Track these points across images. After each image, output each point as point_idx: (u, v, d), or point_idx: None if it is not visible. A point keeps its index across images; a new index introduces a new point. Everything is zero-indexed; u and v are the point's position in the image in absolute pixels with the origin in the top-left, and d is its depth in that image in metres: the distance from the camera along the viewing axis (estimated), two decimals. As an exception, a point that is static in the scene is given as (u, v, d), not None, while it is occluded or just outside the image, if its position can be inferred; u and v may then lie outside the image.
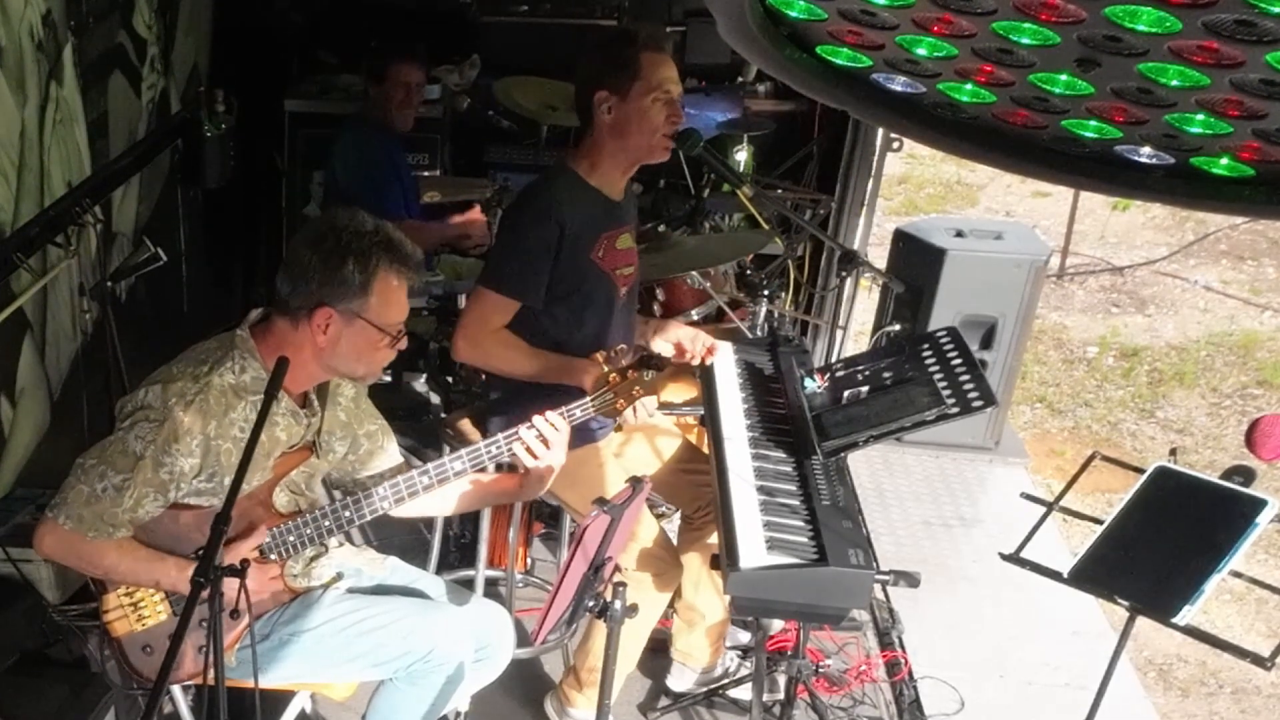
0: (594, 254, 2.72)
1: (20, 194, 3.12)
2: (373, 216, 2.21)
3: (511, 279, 2.67)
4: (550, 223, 2.64)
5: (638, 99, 2.61)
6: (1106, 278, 7.37)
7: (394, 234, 2.19)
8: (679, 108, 2.67)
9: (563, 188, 2.70)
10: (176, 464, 2.11)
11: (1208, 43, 0.92)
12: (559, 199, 2.67)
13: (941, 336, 2.63)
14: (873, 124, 4.10)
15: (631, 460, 2.95)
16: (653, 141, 2.66)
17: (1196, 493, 2.29)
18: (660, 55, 2.63)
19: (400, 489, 2.30)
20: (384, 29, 4.68)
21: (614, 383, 2.37)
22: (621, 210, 2.81)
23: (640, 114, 2.62)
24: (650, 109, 2.62)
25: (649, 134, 2.64)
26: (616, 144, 2.68)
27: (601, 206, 2.74)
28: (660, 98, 2.62)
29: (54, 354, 3.40)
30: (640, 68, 2.60)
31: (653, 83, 2.61)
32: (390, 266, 2.16)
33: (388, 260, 2.16)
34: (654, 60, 2.62)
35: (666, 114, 2.64)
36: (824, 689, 3.23)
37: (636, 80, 2.60)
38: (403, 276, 2.20)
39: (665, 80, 2.62)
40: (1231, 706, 3.91)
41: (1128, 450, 5.51)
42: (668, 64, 2.64)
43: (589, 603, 2.14)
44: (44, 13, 3.18)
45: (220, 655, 1.87)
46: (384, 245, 2.16)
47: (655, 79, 2.61)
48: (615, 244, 2.78)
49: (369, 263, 2.14)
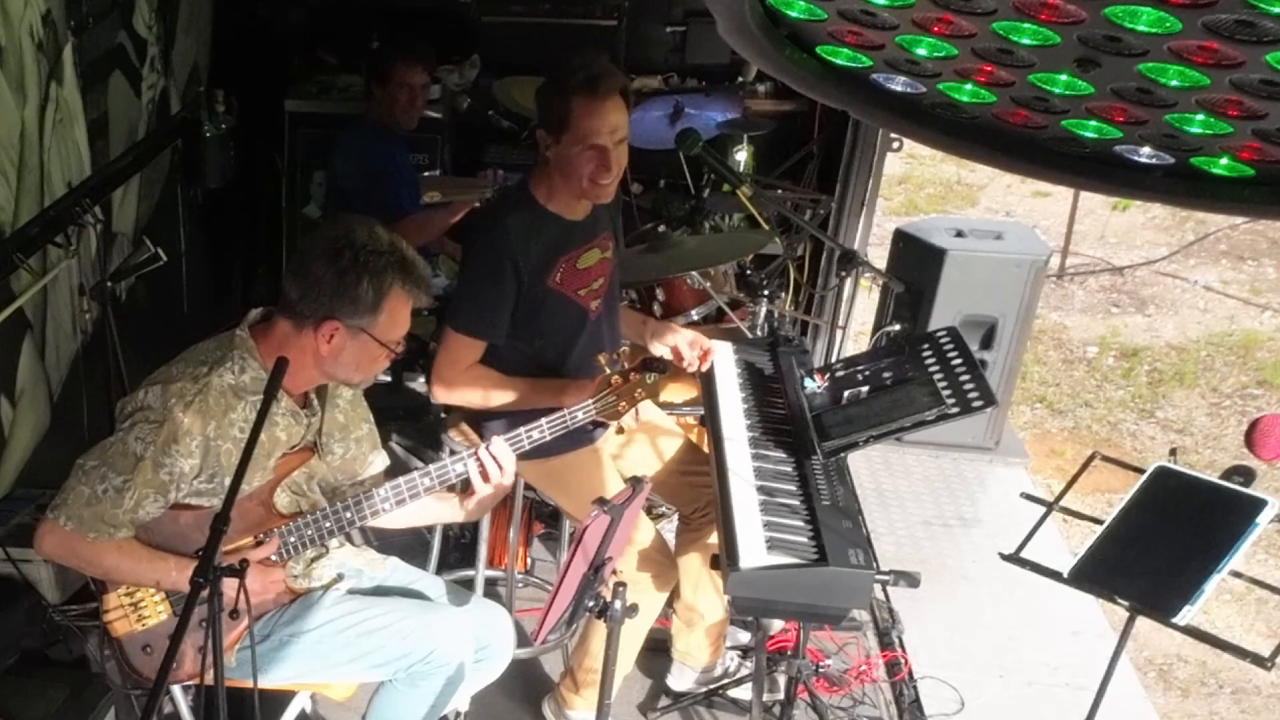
0: (550, 281, 2.69)
1: (20, 194, 3.12)
2: (386, 230, 2.22)
3: (472, 318, 2.66)
4: (504, 261, 2.62)
5: (568, 146, 2.56)
6: (1106, 278, 7.37)
7: (408, 253, 2.20)
8: (609, 158, 2.57)
9: (516, 220, 2.65)
10: (176, 465, 2.11)
11: (1208, 43, 0.92)
12: (512, 235, 2.63)
13: (941, 336, 2.63)
14: (873, 124, 4.10)
15: (631, 461, 2.95)
16: (585, 187, 2.61)
17: (1196, 493, 2.29)
18: (593, 103, 2.52)
19: (402, 490, 2.31)
20: (384, 29, 4.69)
21: (616, 385, 2.37)
22: (581, 229, 2.75)
23: (570, 159, 2.58)
24: (580, 157, 2.56)
25: (579, 180, 2.60)
26: (560, 180, 2.65)
27: (557, 232, 2.69)
28: (589, 149, 2.55)
29: (54, 354, 3.40)
30: (569, 118, 2.53)
31: (580, 133, 2.53)
32: (403, 287, 2.18)
33: (401, 281, 2.17)
34: (585, 109, 2.52)
35: (595, 165, 2.57)
36: (824, 689, 3.23)
37: (565, 129, 2.55)
38: (413, 296, 2.21)
39: (595, 132, 2.53)
40: (1231, 706, 3.91)
41: (1128, 450, 5.51)
42: (601, 111, 2.53)
43: (589, 603, 2.15)
44: (44, 13, 3.18)
45: (220, 655, 1.87)
46: (399, 266, 2.17)
47: (583, 129, 2.53)
48: (576, 265, 2.74)
49: (383, 283, 2.15)
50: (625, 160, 2.65)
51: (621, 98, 2.57)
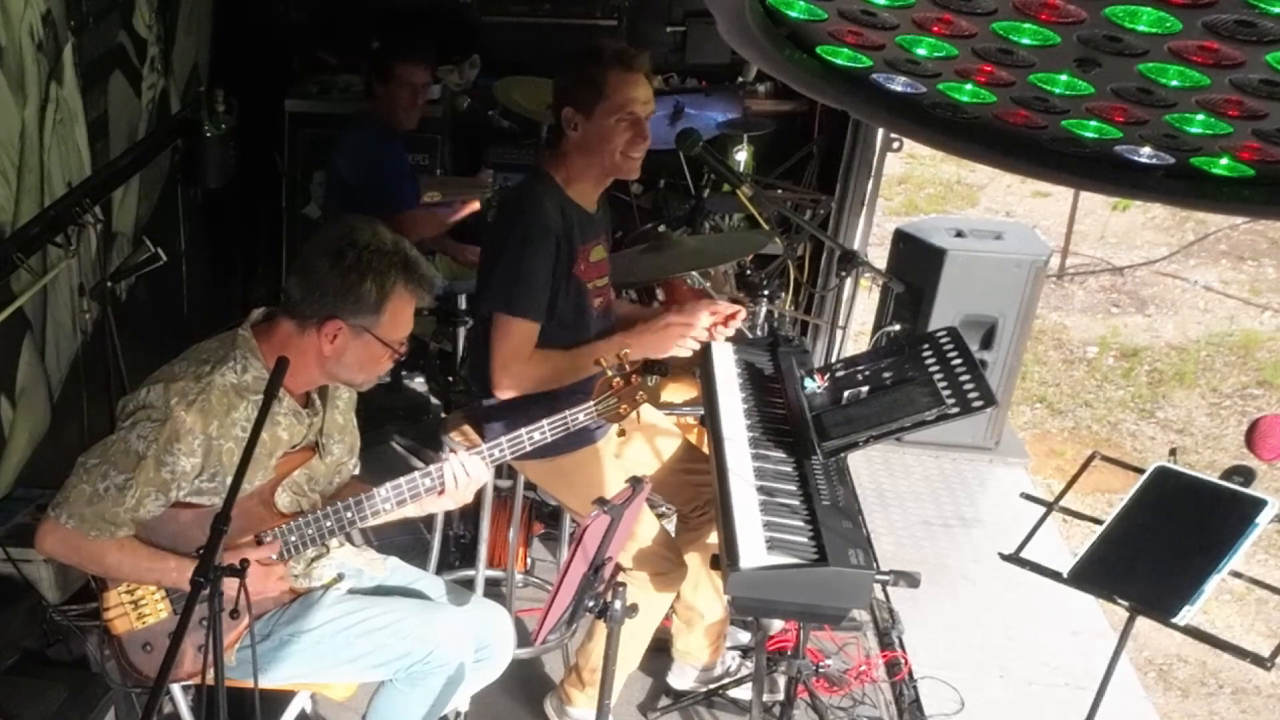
0: (576, 268, 2.69)
1: (20, 194, 3.12)
2: (388, 228, 2.22)
3: (528, 300, 2.61)
4: (550, 238, 2.60)
5: (602, 118, 2.56)
6: (1106, 278, 7.37)
7: (411, 252, 2.20)
8: (645, 128, 2.59)
9: (550, 200, 2.64)
10: (178, 463, 2.11)
11: (1208, 43, 0.92)
12: (550, 212, 2.62)
13: (941, 336, 2.63)
14: (873, 124, 4.10)
15: (631, 461, 2.95)
16: (616, 160, 2.61)
17: (1196, 493, 2.29)
18: (629, 74, 2.55)
19: (403, 490, 2.31)
20: (384, 29, 4.69)
21: (617, 387, 2.36)
22: (595, 223, 2.76)
23: (604, 133, 2.58)
24: (614, 129, 2.57)
25: (612, 154, 2.60)
26: (584, 160, 2.64)
27: (581, 218, 2.70)
28: (625, 118, 2.56)
29: (54, 354, 3.40)
30: (605, 87, 2.54)
31: (617, 102, 2.54)
32: (406, 287, 2.18)
33: (404, 281, 2.17)
34: (621, 80, 2.54)
35: (631, 135, 2.58)
36: (824, 689, 3.23)
37: (601, 100, 2.55)
38: (416, 296, 2.21)
39: (631, 101, 2.55)
40: (1231, 706, 3.91)
41: (1128, 450, 5.52)
42: (637, 83, 2.56)
43: (589, 603, 2.15)
44: (44, 13, 3.18)
45: (220, 655, 1.87)
46: (402, 265, 2.17)
47: (620, 99, 2.55)
48: (590, 257, 2.75)
49: (386, 282, 2.15)
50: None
51: (646, 78, 2.60)
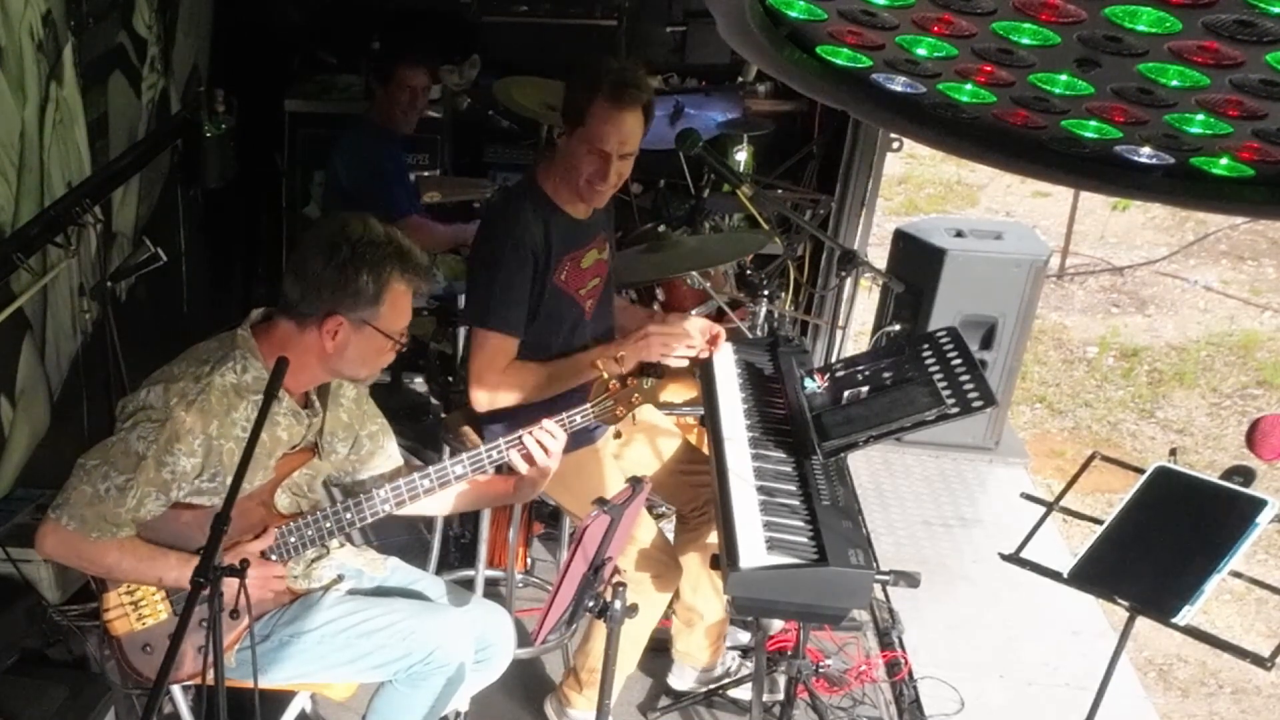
0: (557, 277, 2.69)
1: (20, 194, 3.12)
2: (381, 222, 2.22)
3: (504, 314, 2.63)
4: (524, 250, 2.61)
5: (577, 141, 2.56)
6: (1106, 278, 7.37)
7: (404, 242, 2.20)
8: (610, 168, 2.56)
9: (531, 213, 2.65)
10: (178, 464, 2.11)
11: (1208, 43, 0.92)
12: (532, 226, 2.62)
13: (941, 336, 2.63)
14: (873, 124, 4.09)
15: (631, 461, 2.95)
16: (581, 185, 2.61)
17: (1196, 493, 2.29)
18: (614, 110, 2.50)
19: (401, 491, 2.31)
20: (384, 29, 4.69)
21: (614, 390, 2.37)
22: (585, 228, 2.75)
23: (575, 156, 2.58)
24: (583, 157, 2.57)
25: (578, 177, 2.60)
26: (564, 172, 2.65)
27: (566, 227, 2.70)
28: (594, 151, 2.55)
29: (54, 354, 3.40)
30: (586, 114, 2.53)
31: (592, 132, 2.53)
32: (402, 276, 2.18)
33: (400, 270, 2.17)
34: (603, 113, 2.50)
35: (596, 168, 2.56)
36: (824, 689, 3.23)
37: (580, 124, 2.54)
38: (413, 285, 2.21)
39: (604, 137, 2.52)
40: (1231, 706, 3.91)
41: (1128, 450, 5.51)
42: (617, 120, 2.51)
43: (589, 603, 2.15)
44: (44, 13, 3.17)
45: (220, 655, 1.87)
46: (396, 255, 2.17)
47: (595, 131, 2.52)
48: (579, 264, 2.74)
49: (382, 273, 2.15)
50: (628, 173, 2.64)
51: (642, 112, 2.56)
